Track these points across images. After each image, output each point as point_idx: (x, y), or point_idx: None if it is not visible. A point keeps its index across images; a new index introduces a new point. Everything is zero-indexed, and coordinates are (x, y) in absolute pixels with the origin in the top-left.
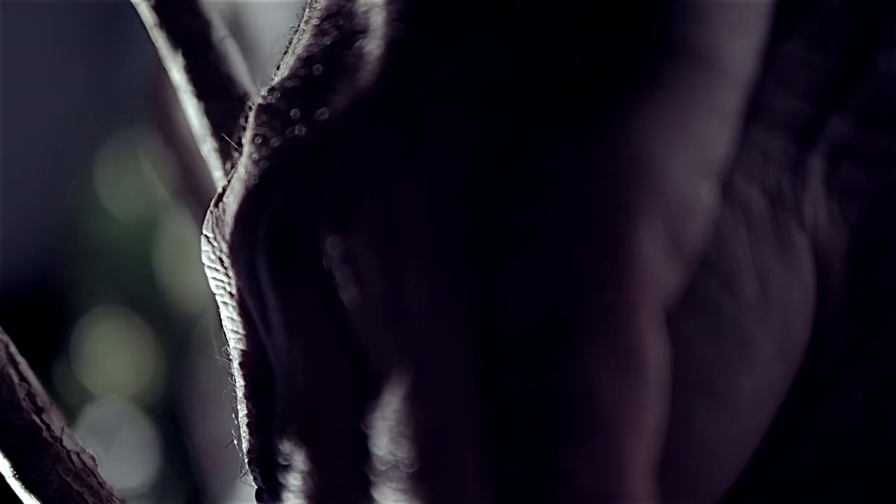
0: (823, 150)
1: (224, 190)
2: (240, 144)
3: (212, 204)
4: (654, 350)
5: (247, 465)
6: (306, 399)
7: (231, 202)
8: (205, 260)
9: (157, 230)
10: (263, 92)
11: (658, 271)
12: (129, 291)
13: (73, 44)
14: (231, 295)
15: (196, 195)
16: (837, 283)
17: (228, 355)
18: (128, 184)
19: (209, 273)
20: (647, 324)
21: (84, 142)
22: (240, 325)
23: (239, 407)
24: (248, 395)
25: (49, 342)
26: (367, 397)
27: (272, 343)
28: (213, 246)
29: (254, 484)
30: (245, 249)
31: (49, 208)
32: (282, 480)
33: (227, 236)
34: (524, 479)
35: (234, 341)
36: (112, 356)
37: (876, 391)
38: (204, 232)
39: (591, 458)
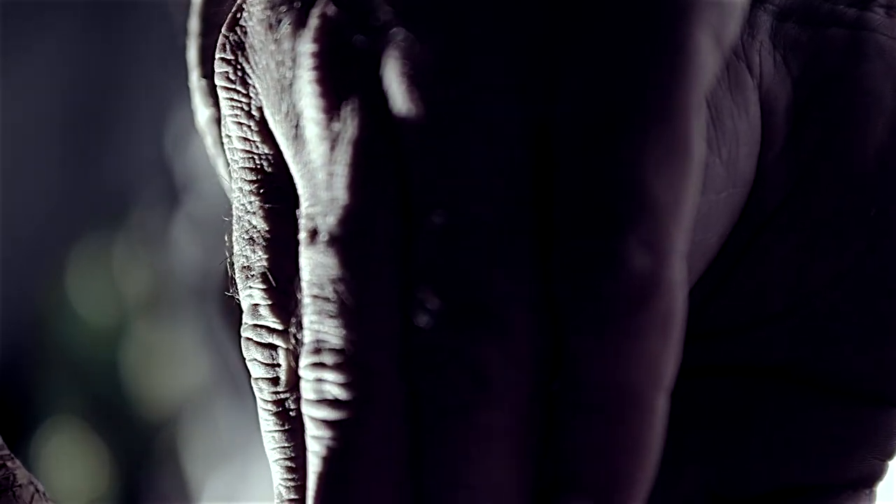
0: (772, 9)
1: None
2: None
3: (224, 28)
4: (700, 143)
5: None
6: (349, 210)
7: (260, 12)
8: (221, 81)
9: (126, 335)
10: None
11: (707, 67)
12: (92, 397)
13: (49, 144)
14: (250, 114)
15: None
16: (780, 130)
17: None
18: (98, 287)
19: (224, 95)
20: (697, 118)
21: (57, 242)
22: (257, 143)
23: (244, 231)
24: (265, 214)
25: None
26: (411, 209)
27: (302, 157)
28: (234, 66)
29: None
30: (285, 59)
31: (17, 307)
32: (303, 294)
33: (261, 44)
34: (576, 265)
35: (245, 161)
36: (71, 463)
37: (809, 235)
38: (220, 55)
39: (640, 241)
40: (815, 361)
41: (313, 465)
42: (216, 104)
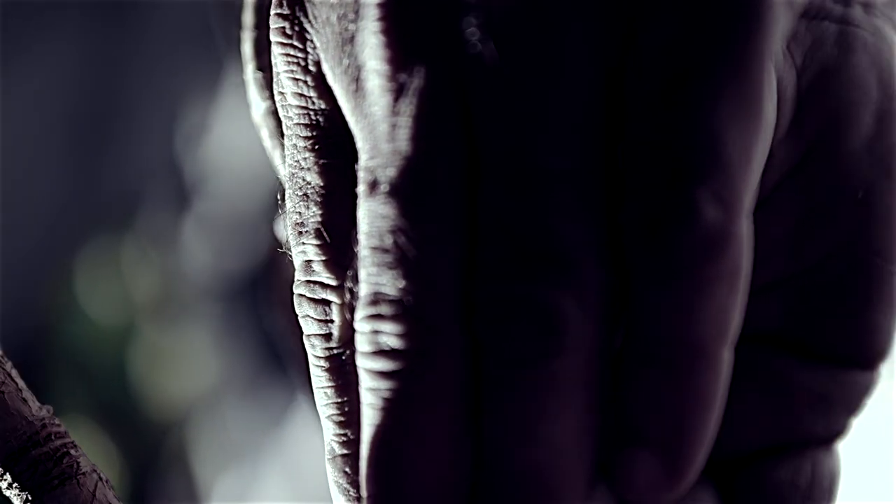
0: None
1: None
2: None
3: None
4: (770, 103)
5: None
6: (412, 160)
7: None
8: (277, 37)
9: (135, 336)
10: None
11: (779, 29)
12: (101, 398)
13: (57, 146)
14: (307, 69)
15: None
16: (786, 115)
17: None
18: (107, 288)
19: (280, 50)
20: (768, 77)
21: (66, 243)
22: (313, 99)
23: (298, 188)
24: (320, 169)
25: None
26: (479, 159)
27: (363, 109)
28: (292, 21)
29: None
30: (347, 12)
31: (26, 308)
32: (364, 244)
33: None
34: (648, 216)
35: (300, 117)
36: None
37: (805, 213)
38: (276, 10)
39: (713, 194)
40: (802, 329)
41: (369, 417)
42: (272, 97)
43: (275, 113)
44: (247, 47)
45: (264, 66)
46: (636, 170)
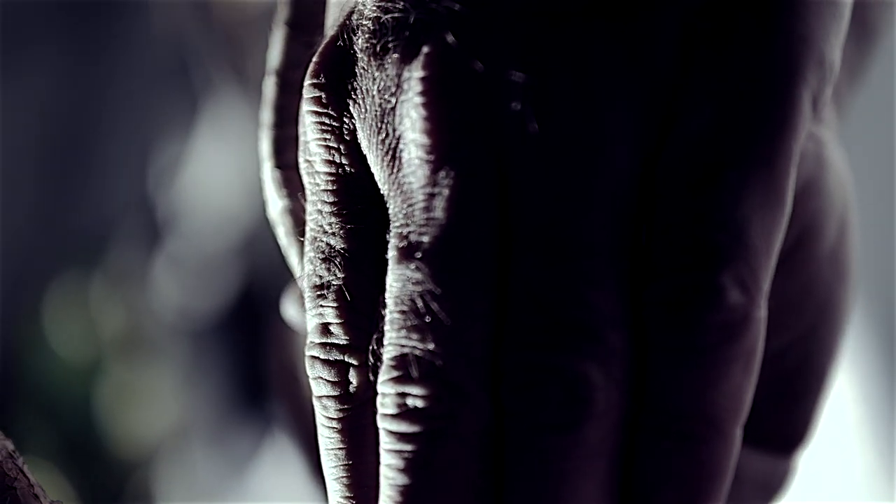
0: None
1: (335, 40)
2: None
3: (317, 56)
4: (791, 195)
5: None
6: (448, 228)
7: (367, 39)
8: (312, 106)
9: (101, 374)
10: None
11: (804, 127)
12: (66, 435)
13: (27, 179)
14: (341, 138)
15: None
16: None
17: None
18: (75, 324)
19: (314, 119)
20: (793, 171)
21: (34, 277)
22: (345, 167)
23: (320, 252)
24: (346, 234)
25: None
26: (513, 230)
27: (398, 179)
28: (329, 92)
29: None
30: (389, 85)
31: None
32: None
33: (363, 70)
34: (673, 295)
35: (328, 184)
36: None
37: (778, 307)
38: (311, 80)
39: (737, 278)
40: (757, 414)
41: (390, 479)
42: (291, 195)
43: (292, 211)
44: (265, 146)
45: (283, 164)
46: (664, 250)
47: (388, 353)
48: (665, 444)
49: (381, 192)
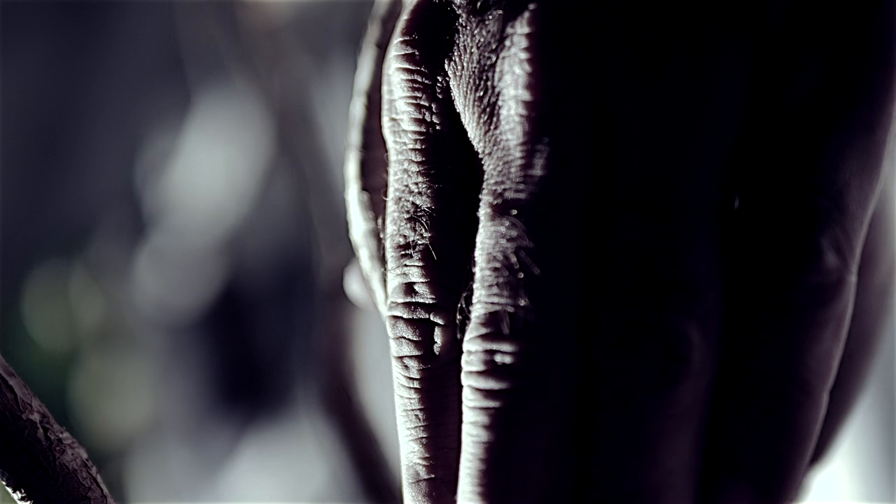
0: None
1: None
2: None
3: (408, 14)
4: (885, 166)
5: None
6: (546, 184)
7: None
8: (403, 63)
9: (78, 364)
10: None
11: None
12: None
13: (11, 167)
14: (433, 96)
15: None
16: None
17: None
18: (54, 313)
19: (404, 77)
20: (890, 140)
21: (15, 264)
22: (436, 125)
23: (405, 211)
24: (434, 193)
25: None
26: (614, 189)
27: (495, 135)
28: (422, 50)
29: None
30: (490, 41)
31: None
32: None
33: (462, 27)
34: (771, 256)
35: (416, 143)
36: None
37: None
38: (403, 38)
39: (835, 242)
40: None
41: (475, 436)
42: (377, 217)
43: (377, 234)
44: (352, 167)
45: (369, 187)
46: (763, 210)
47: (477, 310)
48: (755, 405)
49: (476, 150)
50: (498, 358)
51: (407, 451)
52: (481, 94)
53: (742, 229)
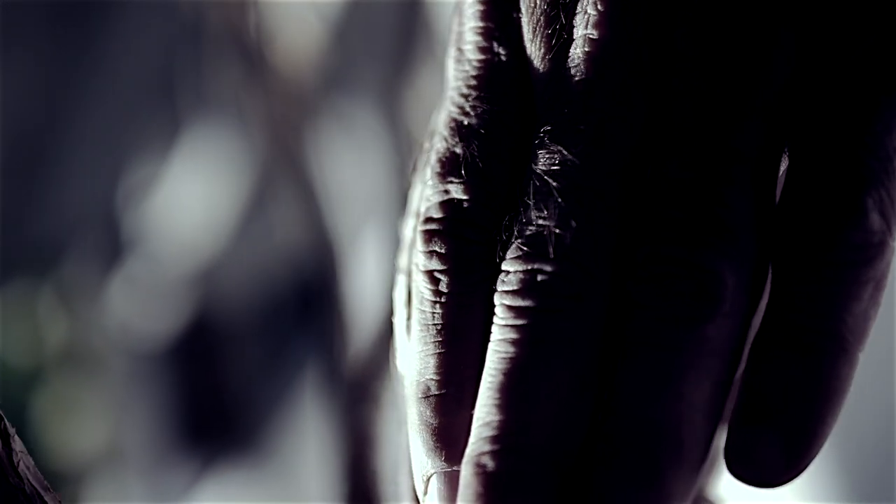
0: None
1: None
2: None
3: None
4: None
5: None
6: (602, 116)
7: None
8: (475, 7)
9: (40, 384)
10: None
11: None
12: None
13: None
14: (500, 24)
15: None
16: None
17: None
18: (20, 331)
19: (477, 8)
20: None
21: None
22: (502, 55)
23: (454, 130)
24: (489, 118)
25: None
26: (665, 134)
27: (559, 72)
28: (497, 2)
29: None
30: None
31: None
32: (544, 175)
33: None
34: (817, 212)
35: (476, 70)
36: None
37: None
38: None
39: (880, 204)
40: None
41: (501, 352)
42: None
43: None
44: (400, 292)
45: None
46: (811, 166)
47: (522, 231)
48: (787, 356)
49: (536, 81)
50: (539, 277)
51: (420, 367)
52: (551, 30)
53: (789, 184)
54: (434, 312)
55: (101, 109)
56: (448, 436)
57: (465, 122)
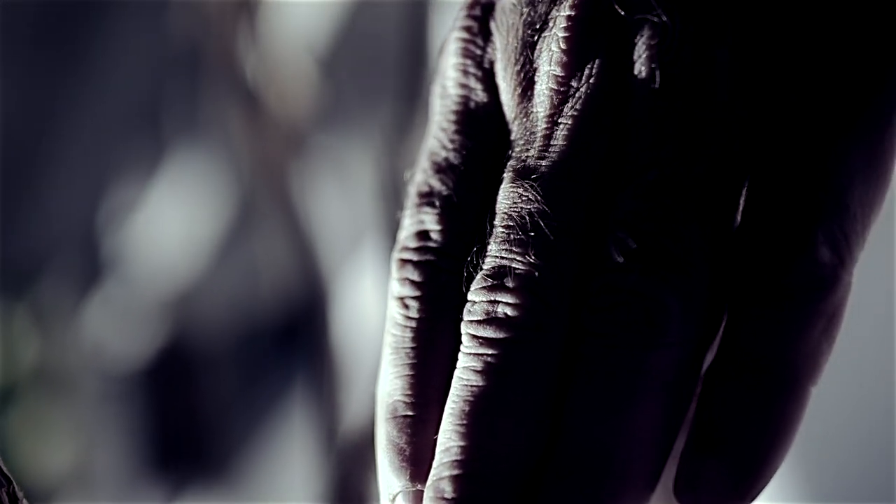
0: None
1: None
2: None
3: None
4: (891, 174)
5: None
6: (565, 155)
7: None
8: (462, 33)
9: (12, 402)
10: None
11: None
12: None
13: None
14: (480, 65)
15: None
16: None
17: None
18: None
19: (460, 45)
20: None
21: None
22: (477, 91)
23: (434, 164)
24: (466, 152)
25: None
26: (624, 164)
27: (526, 107)
28: (480, 22)
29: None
30: (536, 21)
31: None
32: (515, 209)
33: (513, 7)
34: (769, 243)
35: (457, 105)
36: None
37: None
38: (467, 11)
39: (832, 235)
40: None
41: (465, 381)
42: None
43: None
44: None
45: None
46: (763, 199)
47: (488, 263)
48: (737, 386)
49: (507, 118)
50: (500, 309)
51: (389, 389)
52: (519, 67)
53: (745, 217)
54: (404, 336)
55: (85, 130)
56: (413, 456)
57: (443, 156)
